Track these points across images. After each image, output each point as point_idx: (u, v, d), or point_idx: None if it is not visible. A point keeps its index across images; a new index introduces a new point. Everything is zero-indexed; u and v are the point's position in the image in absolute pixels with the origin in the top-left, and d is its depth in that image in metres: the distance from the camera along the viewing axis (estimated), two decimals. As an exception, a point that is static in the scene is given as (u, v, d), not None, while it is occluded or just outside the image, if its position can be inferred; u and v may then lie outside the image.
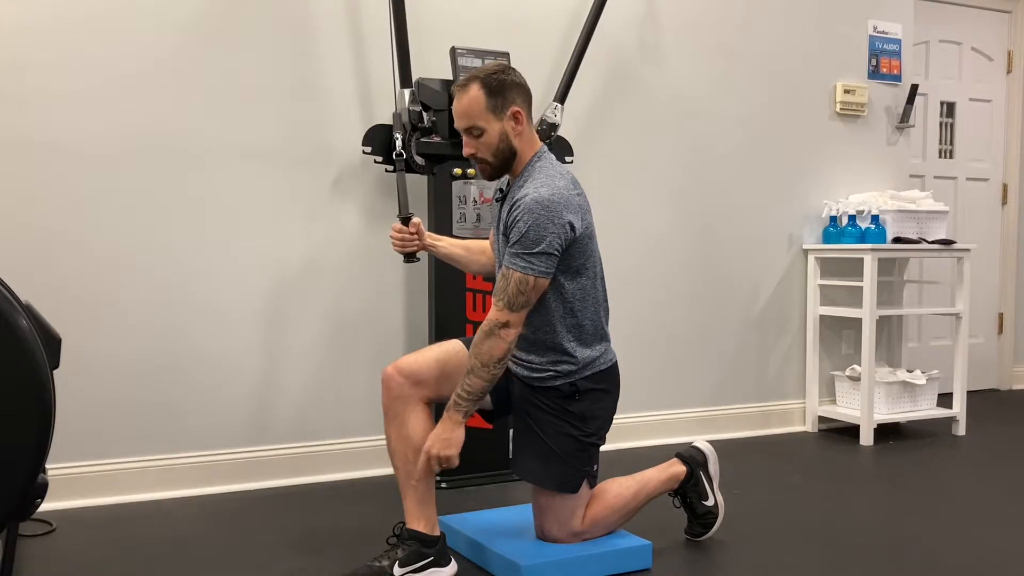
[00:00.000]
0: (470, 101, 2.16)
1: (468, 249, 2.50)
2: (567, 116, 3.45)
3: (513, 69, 2.22)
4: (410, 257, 2.49)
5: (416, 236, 2.44)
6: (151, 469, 2.97)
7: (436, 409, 2.24)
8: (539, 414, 2.22)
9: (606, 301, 2.30)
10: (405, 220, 2.45)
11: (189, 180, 3.00)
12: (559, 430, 2.20)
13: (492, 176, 2.24)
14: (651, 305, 3.75)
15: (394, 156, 3.00)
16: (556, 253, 2.10)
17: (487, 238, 2.77)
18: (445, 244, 2.49)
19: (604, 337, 2.28)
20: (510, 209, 2.16)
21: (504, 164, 2.22)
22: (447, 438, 2.12)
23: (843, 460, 3.56)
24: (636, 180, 3.71)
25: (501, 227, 2.22)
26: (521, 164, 2.23)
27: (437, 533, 2.19)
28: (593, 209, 2.31)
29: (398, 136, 3.01)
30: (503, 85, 2.17)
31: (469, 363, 2.11)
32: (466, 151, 2.22)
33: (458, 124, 2.21)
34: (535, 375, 2.23)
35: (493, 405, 2.31)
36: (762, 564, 2.34)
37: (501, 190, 2.32)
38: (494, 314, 2.10)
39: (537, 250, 2.08)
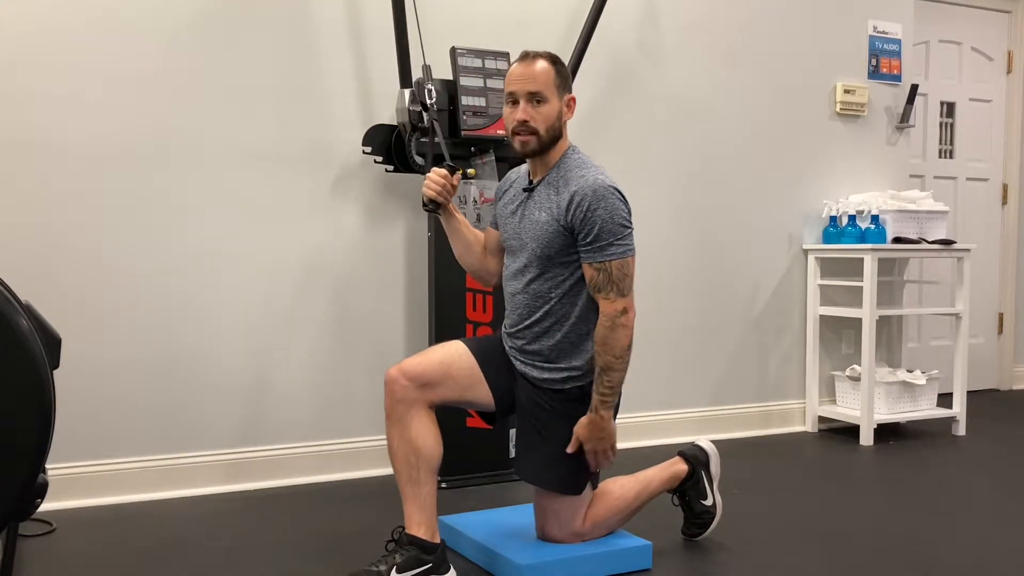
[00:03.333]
0: (542, 70, 2.18)
1: (477, 239, 2.43)
2: (567, 116, 3.45)
3: None
4: (436, 207, 2.32)
5: (453, 190, 2.32)
6: (151, 469, 2.97)
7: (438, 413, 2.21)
8: (544, 416, 2.22)
9: None
10: (452, 169, 2.32)
11: (189, 180, 3.00)
12: (564, 433, 2.19)
13: (533, 152, 2.20)
14: (651, 305, 3.74)
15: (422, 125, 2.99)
16: (633, 228, 2.17)
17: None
18: (463, 219, 2.41)
19: None
20: (570, 201, 2.13)
21: (550, 142, 2.21)
22: (606, 434, 2.16)
23: (843, 460, 3.56)
24: (636, 180, 3.70)
25: (540, 215, 2.19)
26: (558, 153, 2.24)
27: (437, 540, 2.15)
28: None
29: (427, 94, 2.98)
30: (567, 71, 2.25)
31: (600, 361, 2.13)
32: (519, 116, 2.17)
33: (522, 87, 2.16)
34: (546, 376, 2.22)
35: (496, 406, 2.29)
36: (762, 564, 2.34)
37: (529, 184, 2.28)
38: (609, 307, 2.13)
39: (625, 232, 2.14)
